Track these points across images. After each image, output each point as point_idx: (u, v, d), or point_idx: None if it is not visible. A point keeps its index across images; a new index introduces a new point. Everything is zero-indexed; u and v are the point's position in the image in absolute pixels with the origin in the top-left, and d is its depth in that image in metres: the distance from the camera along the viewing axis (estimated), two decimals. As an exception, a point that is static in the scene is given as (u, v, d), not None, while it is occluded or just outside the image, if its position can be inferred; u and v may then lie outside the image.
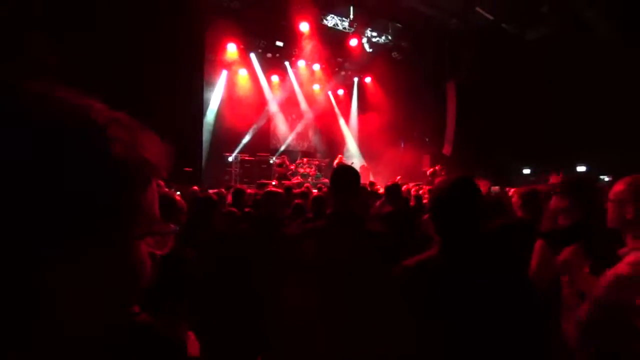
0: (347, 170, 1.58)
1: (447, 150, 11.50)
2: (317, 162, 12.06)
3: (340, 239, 1.40)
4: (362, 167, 11.74)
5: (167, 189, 2.04)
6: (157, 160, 0.38)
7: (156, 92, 7.50)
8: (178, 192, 6.44)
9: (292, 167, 10.79)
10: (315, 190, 5.70)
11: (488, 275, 1.09)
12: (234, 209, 2.58)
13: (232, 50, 10.77)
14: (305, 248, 1.38)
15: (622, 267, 1.06)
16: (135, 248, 0.37)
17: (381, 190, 4.48)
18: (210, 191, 4.54)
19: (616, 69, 8.50)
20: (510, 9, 9.23)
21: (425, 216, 1.18)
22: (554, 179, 5.41)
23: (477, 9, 9.10)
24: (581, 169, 9.76)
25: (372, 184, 6.94)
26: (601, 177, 8.56)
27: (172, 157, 0.41)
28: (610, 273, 1.06)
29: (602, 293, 1.04)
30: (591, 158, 9.61)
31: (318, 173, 11.64)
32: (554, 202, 1.81)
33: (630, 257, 1.07)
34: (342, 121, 13.68)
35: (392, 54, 12.14)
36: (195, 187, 5.83)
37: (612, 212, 1.20)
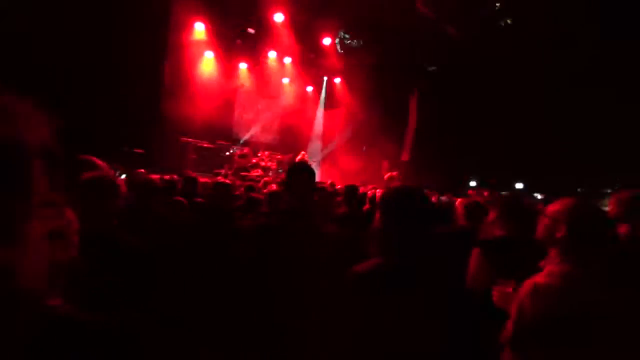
0: (304, 167, 1.55)
1: (405, 156, 12.02)
2: (279, 157, 11.89)
3: (293, 237, 1.37)
4: (322, 166, 11.83)
5: (106, 171, 1.84)
6: (40, 139, 0.40)
7: (108, 64, 6.83)
8: (123, 175, 5.94)
9: (254, 160, 10.53)
10: (274, 185, 5.60)
11: (430, 283, 1.13)
12: (181, 198, 2.42)
13: (199, 29, 10.18)
14: (258, 245, 1.34)
15: (539, 277, 1.16)
16: (29, 222, 0.39)
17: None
18: (161, 176, 4.24)
19: (561, 99, 9.53)
20: (471, 24, 9.82)
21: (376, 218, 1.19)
22: (485, 194, 6.14)
23: (418, 5, 9.19)
24: (519, 185, 10.79)
25: (332, 184, 6.99)
26: (535, 194, 9.55)
27: (57, 137, 0.44)
28: (528, 282, 1.16)
29: (520, 304, 1.12)
30: (528, 177, 10.67)
31: (279, 168, 11.49)
32: (492, 215, 1.97)
33: (549, 268, 1.18)
34: (308, 118, 13.64)
35: (363, 58, 12.36)
36: (142, 170, 5.43)
37: (544, 228, 1.30)
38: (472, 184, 12.25)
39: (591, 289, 1.09)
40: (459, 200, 2.93)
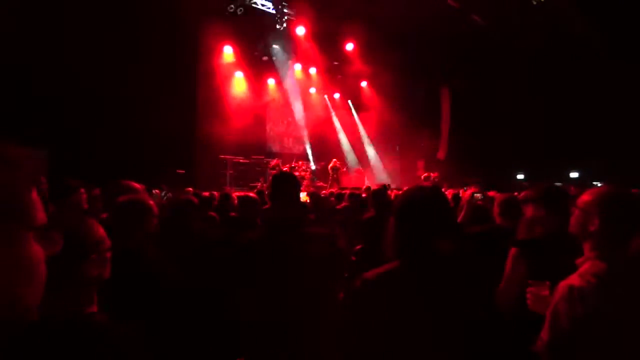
0: (286, 177, 1.57)
1: (441, 155, 11.52)
2: (312, 166, 12.04)
3: (282, 247, 1.37)
4: (357, 170, 11.74)
5: (140, 194, 2.01)
6: (29, 172, 0.49)
7: (149, 94, 7.50)
8: (169, 194, 6.39)
9: (286, 169, 10.78)
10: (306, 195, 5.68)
11: (449, 292, 1.06)
12: (213, 214, 2.56)
13: (228, 52, 10.80)
14: (247, 260, 1.38)
15: (573, 278, 1.04)
16: (26, 242, 0.48)
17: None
18: (199, 193, 4.52)
19: (610, 80, 8.56)
20: (502, 17, 9.27)
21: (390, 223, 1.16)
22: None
23: None
24: (574, 175, 9.78)
25: (368, 188, 6.90)
26: (594, 183, 8.58)
27: (43, 169, 0.52)
28: (562, 285, 1.04)
29: (555, 309, 1.01)
30: (584, 165, 9.63)
31: (313, 177, 11.63)
32: (529, 211, 1.79)
33: (584, 267, 1.06)
34: (337, 125, 13.69)
35: (388, 58, 12.18)
36: (190, 189, 5.80)
37: (576, 220, 1.18)
38: (520, 176, 11.35)
39: (631, 290, 0.96)
40: (495, 195, 2.72)
